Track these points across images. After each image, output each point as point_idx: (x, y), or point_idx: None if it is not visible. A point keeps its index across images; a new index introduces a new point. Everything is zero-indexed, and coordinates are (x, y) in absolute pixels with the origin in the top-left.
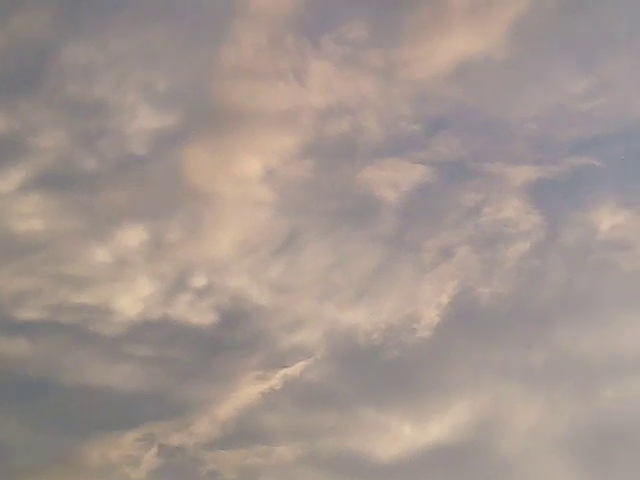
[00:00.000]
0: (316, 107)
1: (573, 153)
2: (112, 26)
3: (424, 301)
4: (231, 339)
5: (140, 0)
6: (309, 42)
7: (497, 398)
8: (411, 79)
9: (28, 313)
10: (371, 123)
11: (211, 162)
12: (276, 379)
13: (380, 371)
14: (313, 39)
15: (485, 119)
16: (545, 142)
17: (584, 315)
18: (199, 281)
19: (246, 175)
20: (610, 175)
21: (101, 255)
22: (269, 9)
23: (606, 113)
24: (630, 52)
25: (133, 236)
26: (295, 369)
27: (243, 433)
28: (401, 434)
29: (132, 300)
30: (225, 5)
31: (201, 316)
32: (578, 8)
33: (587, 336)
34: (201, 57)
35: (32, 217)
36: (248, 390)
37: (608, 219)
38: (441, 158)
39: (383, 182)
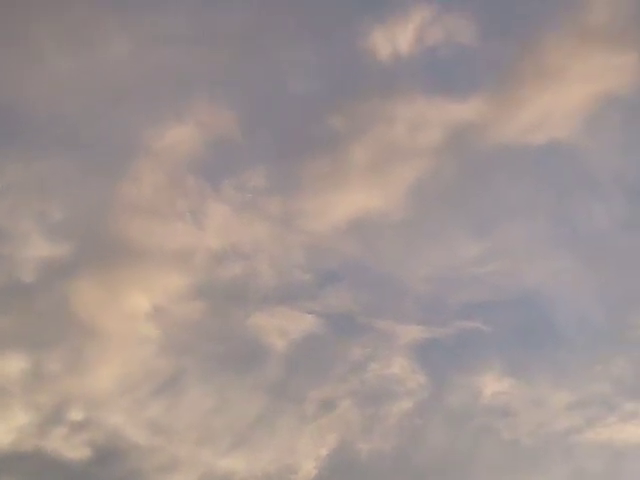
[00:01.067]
0: (211, 249)
1: (462, 316)
2: (9, 152)
3: (303, 452)
4: (104, 477)
5: (40, 128)
6: (209, 185)
7: None
8: (307, 229)
9: None
10: (264, 269)
11: (99, 296)
12: None
13: None
14: (213, 183)
15: (378, 275)
16: (435, 303)
17: (459, 476)
18: (76, 415)
19: (133, 311)
20: (497, 341)
21: None
22: (172, 149)
23: (497, 279)
24: (524, 221)
25: (12, 364)
26: None
27: None
28: None
29: (5, 429)
30: (128, 141)
31: (75, 451)
32: (477, 175)
33: None
34: (99, 190)
35: None
36: None
37: (492, 385)
38: (331, 310)
39: (271, 329)
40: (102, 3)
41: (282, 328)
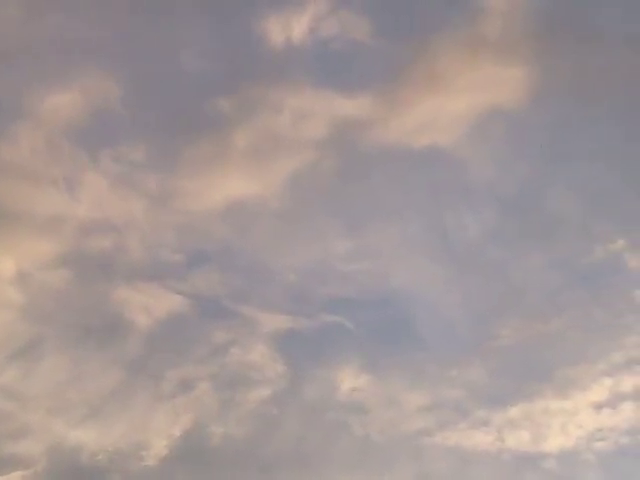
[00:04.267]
0: (82, 219)
1: (326, 310)
2: None
3: (156, 430)
4: None
5: None
6: (87, 155)
7: None
8: (182, 209)
9: None
10: (134, 245)
11: None
12: None
13: None
14: (91, 153)
15: (248, 262)
16: (302, 295)
17: (310, 471)
18: None
19: (0, 274)
20: (358, 338)
21: None
22: (53, 115)
23: (364, 278)
24: (397, 224)
25: None
26: (11, 478)
27: None
28: None
29: None
30: (9, 103)
31: None
32: (356, 172)
33: None
34: None
35: None
36: None
37: (349, 380)
38: (198, 292)
39: (136, 305)
40: None
41: (147, 305)
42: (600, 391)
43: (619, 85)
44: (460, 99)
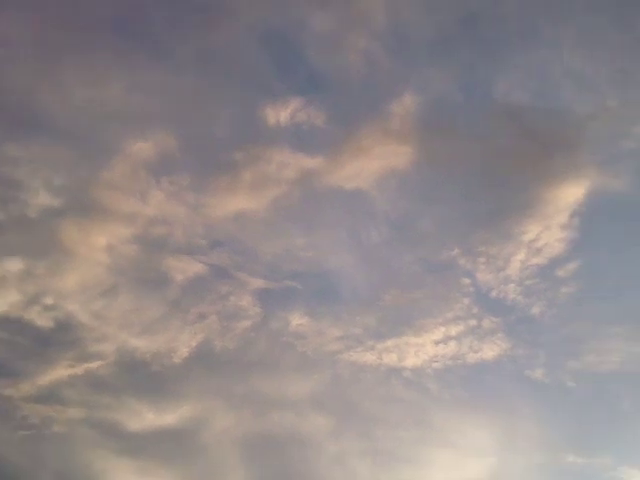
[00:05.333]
0: (148, 216)
1: (287, 278)
2: (32, 144)
3: (182, 342)
4: (59, 339)
5: (57, 127)
6: (154, 179)
7: (210, 407)
8: (208, 214)
9: None
10: (178, 233)
11: (78, 233)
12: (81, 368)
13: (145, 377)
14: (157, 178)
15: (244, 247)
16: (274, 268)
17: (271, 370)
18: (48, 301)
19: (96, 245)
20: (304, 295)
21: None
22: (136, 155)
23: (310, 260)
24: (331, 232)
25: (15, 266)
26: (94, 365)
27: (53, 396)
28: (148, 417)
29: (2, 303)
30: (112, 145)
31: (44, 322)
32: (312, 202)
33: (269, 383)
34: (89, 171)
35: None
36: (62, 371)
37: (297, 319)
38: (213, 262)
39: (177, 269)
40: (110, 57)
41: (183, 269)
42: (438, 334)
43: (467, 160)
44: (374, 162)
